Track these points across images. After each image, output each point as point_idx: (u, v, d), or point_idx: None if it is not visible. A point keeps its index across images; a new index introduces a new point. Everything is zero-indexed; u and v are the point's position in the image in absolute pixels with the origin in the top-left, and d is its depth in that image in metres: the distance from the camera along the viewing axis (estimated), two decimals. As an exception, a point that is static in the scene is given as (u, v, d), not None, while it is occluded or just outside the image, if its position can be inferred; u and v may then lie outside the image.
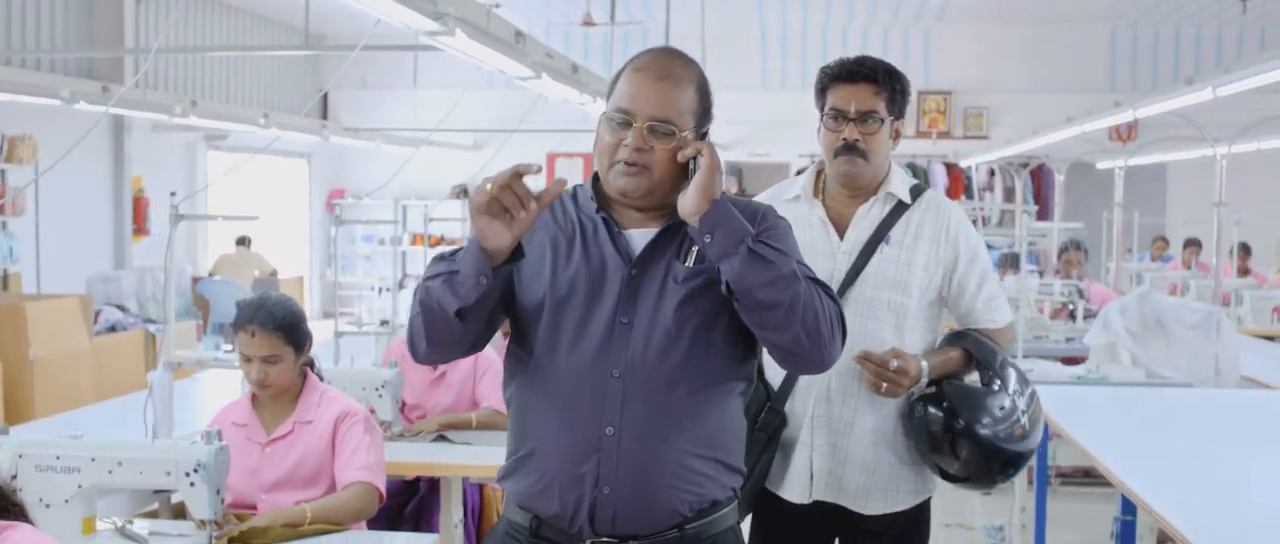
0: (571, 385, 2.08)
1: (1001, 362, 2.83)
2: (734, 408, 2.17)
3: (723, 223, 1.99)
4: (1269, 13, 12.80)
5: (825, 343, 2.05)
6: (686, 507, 2.09)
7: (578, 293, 2.10)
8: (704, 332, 2.09)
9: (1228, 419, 3.99)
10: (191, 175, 12.50)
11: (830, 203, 2.87)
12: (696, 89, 2.12)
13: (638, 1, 12.23)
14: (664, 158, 2.06)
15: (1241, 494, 2.91)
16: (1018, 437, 2.74)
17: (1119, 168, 8.55)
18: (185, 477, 2.59)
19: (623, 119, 2.06)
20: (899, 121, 2.84)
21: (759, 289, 1.98)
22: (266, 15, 13.44)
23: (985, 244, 8.85)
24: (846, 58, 2.85)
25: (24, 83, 7.65)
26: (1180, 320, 5.22)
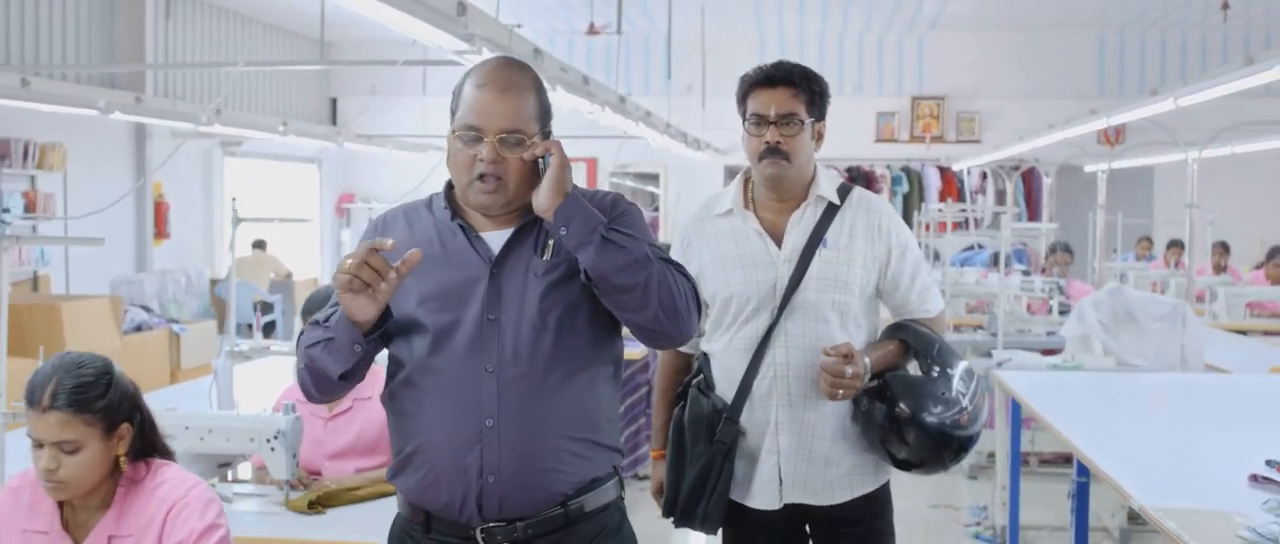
0: (449, 383, 2.15)
1: (939, 349, 2.88)
2: (605, 391, 2.26)
3: (576, 215, 2.08)
4: (1252, 20, 13.20)
5: (682, 317, 2.15)
6: (566, 485, 2.18)
7: (444, 297, 2.17)
8: (568, 320, 2.17)
9: (1184, 399, 4.36)
10: (209, 180, 12.86)
11: (762, 213, 2.93)
12: (535, 93, 2.20)
13: (640, 10, 12.56)
14: (517, 167, 2.14)
15: (1184, 458, 3.20)
16: (964, 423, 2.79)
17: (1102, 171, 8.93)
18: (267, 442, 3.00)
19: (473, 135, 2.13)
20: (820, 124, 2.89)
21: (614, 274, 2.08)
22: (280, 26, 13.80)
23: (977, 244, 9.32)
24: (764, 64, 2.92)
25: (64, 94, 8.03)
26: (1149, 313, 5.59)
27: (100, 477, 2.33)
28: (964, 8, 13.11)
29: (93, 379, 2.30)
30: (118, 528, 2.33)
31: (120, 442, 2.33)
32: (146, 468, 2.37)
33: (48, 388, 2.28)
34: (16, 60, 9.51)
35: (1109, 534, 5.79)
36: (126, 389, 2.35)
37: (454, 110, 2.19)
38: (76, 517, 2.37)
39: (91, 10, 10.58)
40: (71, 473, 2.28)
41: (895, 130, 14.80)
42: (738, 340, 2.89)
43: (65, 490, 2.31)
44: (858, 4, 12.97)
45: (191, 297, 11.64)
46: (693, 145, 12.16)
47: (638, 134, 9.81)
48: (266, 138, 11.20)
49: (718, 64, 13.02)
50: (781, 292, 2.85)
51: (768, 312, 2.86)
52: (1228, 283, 8.91)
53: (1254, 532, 2.22)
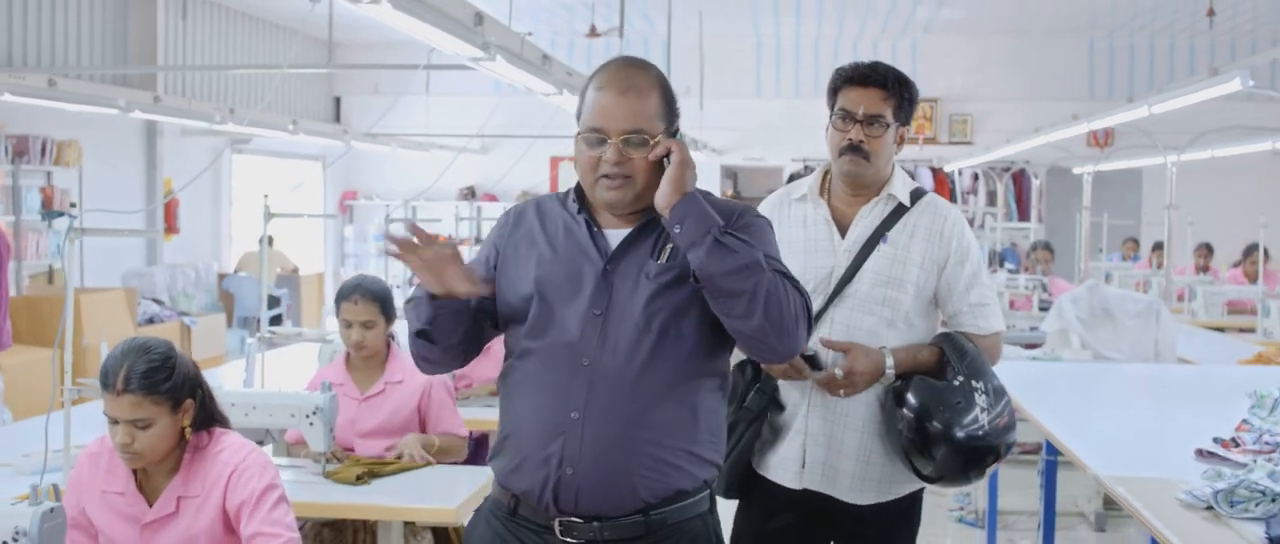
0: (545, 372, 2.19)
1: (971, 361, 2.80)
2: (708, 402, 2.24)
3: (692, 214, 2.09)
4: (1238, 25, 13.50)
5: (789, 331, 2.11)
6: (649, 492, 2.16)
7: (557, 286, 2.21)
8: (673, 325, 2.17)
9: (1150, 388, 4.65)
10: (217, 177, 13.12)
11: (834, 203, 2.95)
12: (659, 92, 2.20)
13: (639, 13, 12.82)
14: (643, 166, 2.15)
15: (1143, 438, 3.46)
16: (984, 434, 2.73)
17: (1087, 174, 9.22)
18: (306, 418, 3.29)
19: (597, 137, 2.16)
20: (904, 128, 2.91)
21: (722, 277, 2.07)
22: (288, 26, 14.06)
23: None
24: (861, 62, 2.92)
25: (87, 94, 8.31)
26: (1125, 309, 5.88)
27: (169, 446, 2.63)
28: (957, 12, 13.35)
29: (160, 363, 2.58)
30: (185, 489, 2.63)
31: (185, 415, 2.63)
32: (209, 436, 2.67)
33: (120, 372, 2.55)
34: (33, 61, 9.77)
35: (1085, 519, 6.08)
36: (188, 369, 2.65)
37: (579, 113, 2.21)
38: (149, 480, 2.67)
39: (105, 12, 10.84)
40: (145, 445, 2.57)
41: (905, 131, 15.04)
42: None
43: (140, 460, 2.60)
44: (853, 8, 13.21)
45: (200, 290, 11.92)
46: (691, 146, 12.43)
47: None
48: (273, 136, 11.47)
49: (715, 66, 13.30)
50: (836, 279, 2.87)
51: (820, 297, 2.87)
52: (1208, 282, 9.21)
53: (1190, 494, 2.51)
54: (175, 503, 2.61)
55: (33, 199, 9.72)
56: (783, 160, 14.55)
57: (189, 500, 2.62)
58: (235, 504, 2.58)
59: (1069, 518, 6.11)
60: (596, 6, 12.00)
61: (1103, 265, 10.56)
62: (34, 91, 7.28)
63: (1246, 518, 2.36)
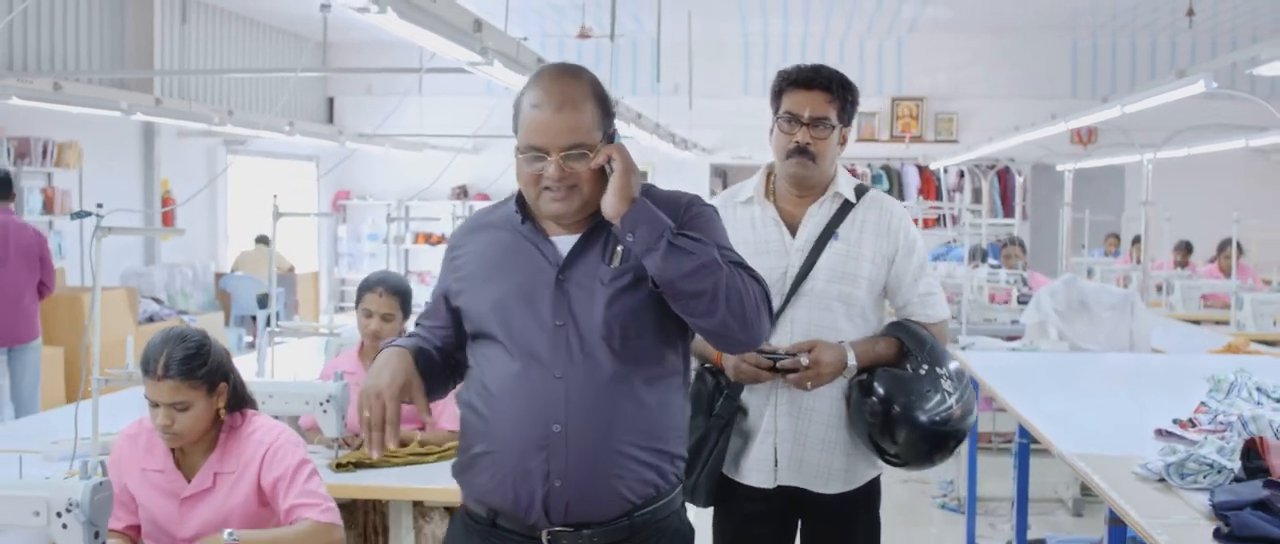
0: (517, 388, 2.17)
1: (930, 348, 2.91)
2: (673, 398, 2.27)
3: (643, 220, 2.09)
4: (1218, 24, 13.72)
5: (752, 322, 2.14)
6: (633, 495, 2.19)
7: (513, 302, 2.20)
8: (634, 326, 2.18)
9: (1121, 375, 4.85)
10: (213, 177, 13.28)
11: (781, 204, 3.02)
12: (593, 100, 2.18)
13: (628, 13, 12.99)
14: (587, 176, 2.15)
15: (1108, 420, 3.63)
16: (953, 419, 2.85)
17: (1068, 171, 9.44)
18: (320, 405, 3.48)
19: (536, 155, 2.14)
20: (846, 129, 2.97)
21: (681, 280, 2.07)
22: (283, 28, 14.22)
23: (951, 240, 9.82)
24: (804, 64, 2.97)
25: (90, 97, 8.48)
26: (1100, 302, 6.08)
27: (206, 427, 2.84)
28: (942, 12, 13.51)
29: (196, 350, 2.79)
30: (221, 466, 2.84)
31: (220, 398, 2.84)
32: (242, 417, 2.88)
33: (160, 359, 2.76)
34: (33, 64, 9.92)
35: (1063, 505, 6.30)
36: (221, 355, 2.85)
37: (515, 126, 2.20)
38: (186, 459, 2.89)
39: (102, 16, 10.99)
40: (183, 426, 2.78)
41: (876, 130, 15.25)
42: None
43: (179, 440, 2.81)
44: (839, 8, 13.38)
45: (198, 289, 12.09)
46: (680, 145, 12.61)
47: (628, 135, 10.28)
48: (268, 137, 11.63)
49: (704, 66, 13.48)
50: (791, 279, 2.93)
51: (777, 298, 2.91)
52: (1185, 277, 9.43)
53: (1145, 468, 2.70)
54: (212, 479, 2.81)
55: (35, 200, 9.88)
56: (770, 157, 14.66)
57: (225, 476, 2.82)
58: (271, 480, 2.78)
59: (1048, 503, 6.32)
60: (587, 7, 12.16)
61: (1085, 260, 10.77)
62: (40, 95, 7.44)
63: (1195, 488, 2.56)
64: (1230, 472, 2.55)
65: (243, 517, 2.79)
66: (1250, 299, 7.45)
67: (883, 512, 3.15)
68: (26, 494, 2.26)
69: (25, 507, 2.24)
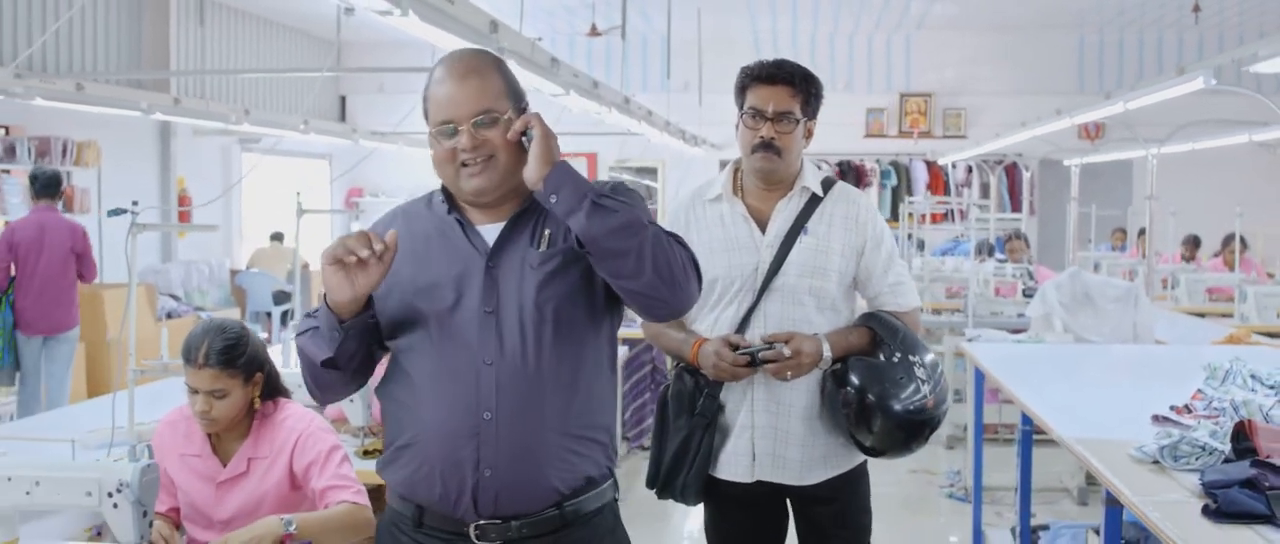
0: (446, 376, 2.12)
1: (903, 337, 2.95)
2: (603, 384, 2.24)
3: (565, 182, 2.04)
4: (1224, 20, 13.81)
5: (680, 283, 2.10)
6: (563, 484, 2.15)
7: (442, 290, 2.15)
8: (566, 312, 2.15)
9: (1123, 366, 4.96)
10: (227, 175, 13.43)
11: (748, 200, 3.03)
12: (497, 72, 2.16)
13: (638, 11, 13.11)
14: (502, 145, 2.11)
15: (1107, 407, 3.68)
16: (928, 407, 2.88)
17: (1075, 166, 9.54)
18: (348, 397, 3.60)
19: (449, 128, 2.11)
20: (812, 122, 3.00)
21: (606, 238, 2.02)
22: (296, 27, 14.36)
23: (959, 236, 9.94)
24: (765, 60, 2.99)
25: (111, 97, 8.62)
26: (1105, 294, 6.19)
27: (241, 414, 2.98)
28: (950, 8, 13.62)
29: (234, 341, 2.93)
30: (255, 451, 2.98)
31: (255, 387, 2.99)
32: (274, 405, 3.02)
33: (201, 349, 2.91)
34: (52, 66, 10.08)
35: (1069, 493, 6.41)
36: (258, 346, 3.00)
37: (426, 114, 2.17)
38: (222, 444, 3.03)
39: (119, 17, 11.14)
40: (221, 413, 2.92)
41: (884, 126, 15.37)
42: (722, 321, 3.01)
43: (216, 426, 2.96)
44: (848, 5, 13.49)
45: (213, 286, 12.24)
46: (690, 141, 12.74)
47: (639, 131, 10.40)
48: (282, 135, 11.78)
49: (713, 63, 13.59)
50: (763, 275, 2.96)
51: (749, 293, 2.98)
52: (1191, 271, 9.53)
53: (1140, 451, 2.81)
54: (246, 464, 2.95)
55: (55, 198, 10.00)
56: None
57: (258, 461, 2.95)
58: (303, 465, 2.91)
59: (1053, 492, 6.44)
60: (597, 6, 12.29)
61: (1091, 255, 10.88)
62: (63, 95, 7.59)
63: (1187, 469, 2.67)
64: (1221, 453, 2.66)
65: (276, 500, 2.92)
66: (1253, 292, 7.55)
67: (892, 503, 3.25)
68: (79, 476, 2.39)
69: (78, 487, 2.37)
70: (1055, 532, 4.74)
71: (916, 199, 9.66)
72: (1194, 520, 2.34)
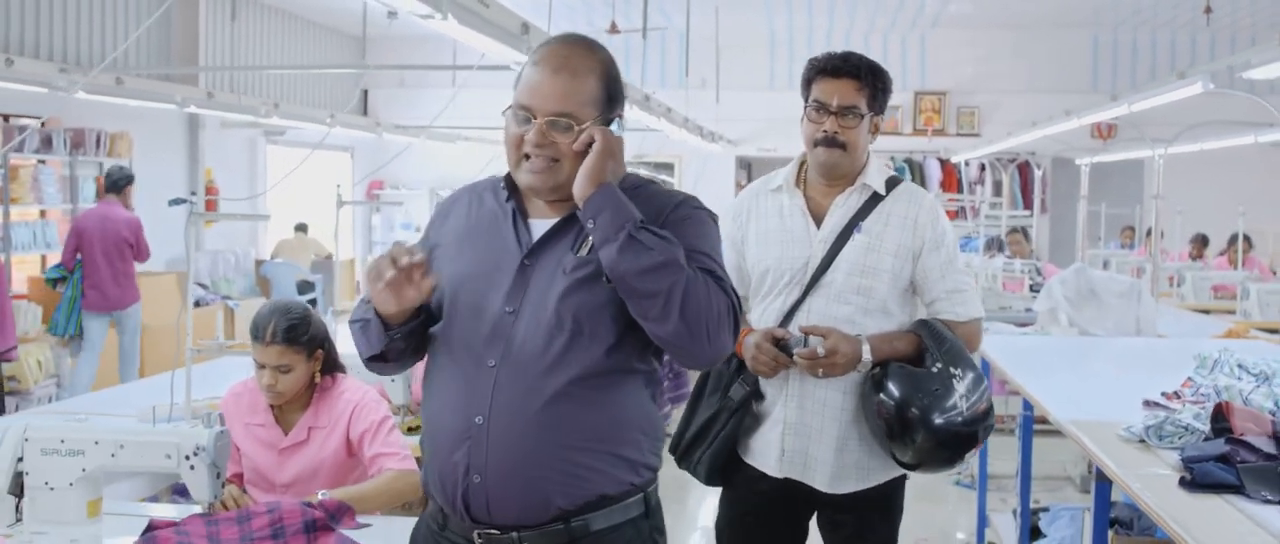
0: (455, 372, 2.07)
1: (949, 349, 2.80)
2: (634, 399, 2.09)
3: (607, 208, 1.95)
4: (1237, 20, 13.96)
5: (709, 336, 1.97)
6: (565, 499, 2.02)
7: (475, 282, 2.08)
8: (588, 322, 2.02)
9: (1122, 357, 5.16)
10: (253, 167, 13.71)
11: (810, 193, 2.97)
12: (598, 77, 2.04)
13: (657, 9, 13.31)
14: (568, 152, 2.00)
15: (1103, 393, 3.88)
16: (969, 422, 2.76)
17: (1085, 164, 9.74)
18: (390, 378, 3.85)
19: (524, 115, 2.01)
20: (878, 117, 2.90)
21: (634, 277, 1.94)
22: (321, 23, 14.63)
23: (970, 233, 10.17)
24: (834, 52, 2.91)
25: (146, 90, 8.88)
26: (1109, 289, 6.40)
27: (304, 387, 3.24)
28: (964, 7, 13.80)
29: (299, 320, 3.21)
30: (315, 421, 3.25)
31: (316, 362, 3.25)
32: (332, 380, 3.28)
33: (268, 327, 3.18)
34: (85, 58, 10.34)
35: (1072, 481, 6.63)
36: (320, 325, 3.28)
37: (516, 85, 2.07)
38: (284, 415, 3.30)
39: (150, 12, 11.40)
40: (285, 386, 3.20)
41: (898, 124, 15.55)
42: (769, 312, 2.95)
43: (281, 398, 3.23)
44: (863, 3, 13.65)
45: (239, 275, 12.52)
46: (708, 137, 12.95)
47: (657, 128, 10.62)
48: (306, 127, 12.04)
49: (731, 60, 13.82)
50: (812, 271, 2.88)
51: (797, 288, 2.91)
52: (1197, 269, 9.73)
53: (1128, 431, 3.04)
54: (306, 432, 3.21)
55: (88, 188, 10.29)
56: (795, 150, 14.83)
57: (318, 430, 3.22)
58: (358, 433, 3.17)
59: (1057, 481, 6.66)
60: (617, 4, 12.50)
61: (1101, 252, 11.08)
62: (103, 89, 7.86)
63: (1170, 448, 2.90)
64: (1201, 432, 2.88)
65: (333, 465, 3.19)
66: (1256, 289, 7.74)
67: None
68: (160, 440, 2.63)
69: (159, 451, 2.61)
70: (1054, 513, 4.97)
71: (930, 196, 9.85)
72: (1171, 491, 2.56)
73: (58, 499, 2.64)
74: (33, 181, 9.49)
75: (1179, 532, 2.29)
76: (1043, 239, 14.69)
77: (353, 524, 2.78)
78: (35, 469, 2.64)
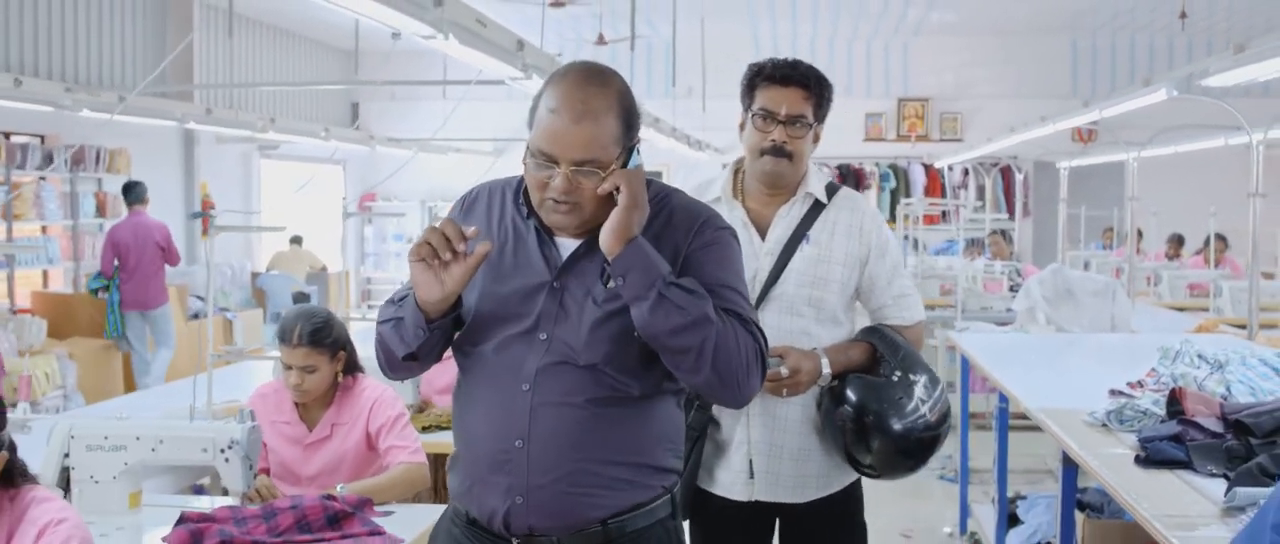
0: (489, 394, 2.07)
1: (904, 355, 2.81)
2: (661, 412, 2.13)
3: (636, 266, 1.96)
4: (1214, 25, 14.25)
5: (739, 384, 2.02)
6: (604, 510, 2.07)
7: (503, 302, 2.07)
8: (619, 352, 2.04)
9: (1094, 351, 5.40)
10: (247, 181, 13.92)
11: (749, 203, 2.89)
12: (616, 113, 2.01)
13: (644, 18, 13.53)
14: (592, 195, 2.00)
15: (1073, 384, 4.08)
16: (928, 428, 2.76)
17: (1064, 168, 9.99)
18: (399, 377, 4.07)
19: (545, 161, 1.99)
20: (820, 126, 2.84)
21: (666, 336, 1.96)
22: (312, 37, 14.85)
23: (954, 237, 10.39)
24: (779, 59, 2.82)
25: (147, 107, 9.09)
26: (1085, 289, 6.63)
27: (328, 386, 3.48)
28: (946, 15, 14.05)
29: (323, 324, 3.45)
30: (337, 418, 3.50)
31: (339, 362, 3.49)
32: (353, 379, 3.52)
33: (295, 330, 3.42)
34: (85, 78, 10.53)
35: (1052, 475, 6.86)
36: (342, 329, 3.52)
37: (531, 122, 2.04)
38: (308, 412, 3.54)
39: (144, 30, 11.61)
40: (311, 385, 3.45)
41: (883, 130, 15.81)
42: None
43: (306, 396, 3.48)
44: (847, 11, 13.91)
45: (236, 287, 12.71)
46: (695, 146, 13.17)
47: (645, 137, 10.83)
48: (298, 141, 12.25)
49: (717, 67, 14.02)
50: (760, 284, 2.82)
51: None
52: (1174, 268, 9.99)
53: (1092, 416, 3.28)
54: (330, 429, 3.45)
55: (88, 204, 10.48)
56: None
57: (340, 426, 3.46)
58: (376, 428, 3.42)
59: (1037, 474, 6.90)
60: (603, 16, 12.73)
61: (1082, 253, 11.32)
62: (106, 107, 8.06)
63: (1129, 430, 3.13)
64: (1158, 416, 3.12)
65: (355, 458, 3.42)
66: (1228, 287, 8.00)
67: (889, 488, 3.22)
68: (197, 435, 2.86)
69: (196, 445, 2.83)
70: (1032, 501, 5.20)
71: (912, 201, 10.11)
72: (1127, 467, 2.80)
73: (102, 492, 2.85)
74: (35, 198, 9.68)
75: (1131, 502, 2.52)
76: (1026, 241, 14.95)
77: (374, 514, 2.99)
78: (81, 464, 2.86)
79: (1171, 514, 2.39)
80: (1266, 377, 3.30)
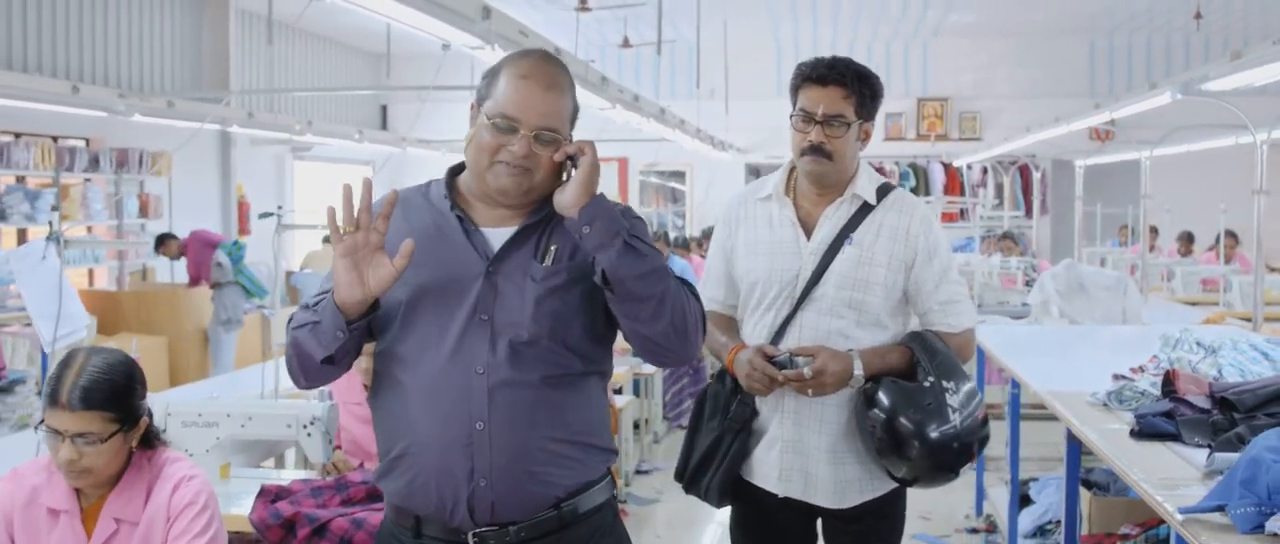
0: (436, 384, 2.07)
1: (941, 361, 2.75)
2: (596, 395, 2.21)
3: (600, 216, 2.03)
4: (1230, 25, 14.44)
5: (690, 336, 2.12)
6: (560, 490, 2.13)
7: (436, 293, 2.10)
8: (561, 328, 2.11)
9: (1102, 341, 5.66)
10: (281, 181, 14.27)
11: (800, 202, 2.89)
12: (571, 94, 2.15)
13: (668, 22, 13.77)
14: (546, 163, 2.08)
15: (1079, 370, 4.27)
16: (962, 434, 2.70)
17: (1081, 167, 10.24)
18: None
19: (508, 125, 2.06)
20: (868, 124, 2.81)
21: (634, 281, 2.03)
22: (344, 42, 15.19)
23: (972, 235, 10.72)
24: (821, 58, 2.80)
25: (194, 111, 9.43)
26: (1097, 283, 6.89)
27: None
28: (965, 16, 14.29)
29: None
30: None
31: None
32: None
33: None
34: (125, 82, 10.87)
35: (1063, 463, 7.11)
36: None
37: (484, 95, 2.12)
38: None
39: (183, 36, 11.96)
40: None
41: (902, 130, 16.04)
42: (761, 326, 2.89)
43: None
44: (867, 13, 14.14)
45: (271, 285, 13.04)
46: (718, 146, 13.44)
47: (671, 138, 11.13)
48: (330, 143, 12.58)
49: (739, 70, 14.27)
50: (803, 284, 2.81)
51: (788, 302, 2.84)
52: (1187, 264, 10.24)
53: (1094, 396, 3.56)
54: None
55: (132, 205, 10.82)
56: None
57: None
58: None
59: (1050, 461, 7.15)
60: (629, 18, 12.99)
61: (1098, 250, 11.56)
62: (155, 111, 8.40)
63: (1128, 409, 3.41)
64: (1153, 396, 3.40)
65: None
66: (1238, 282, 8.23)
67: None
68: (281, 412, 3.16)
69: (280, 421, 3.13)
70: (1043, 482, 5.49)
71: (932, 199, 10.38)
72: (1123, 440, 3.08)
73: (196, 464, 3.02)
74: (82, 199, 10.02)
75: (1124, 468, 2.80)
76: (1044, 238, 15.16)
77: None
78: (177, 439, 3.10)
79: (1160, 478, 2.67)
80: (1255, 360, 3.57)
